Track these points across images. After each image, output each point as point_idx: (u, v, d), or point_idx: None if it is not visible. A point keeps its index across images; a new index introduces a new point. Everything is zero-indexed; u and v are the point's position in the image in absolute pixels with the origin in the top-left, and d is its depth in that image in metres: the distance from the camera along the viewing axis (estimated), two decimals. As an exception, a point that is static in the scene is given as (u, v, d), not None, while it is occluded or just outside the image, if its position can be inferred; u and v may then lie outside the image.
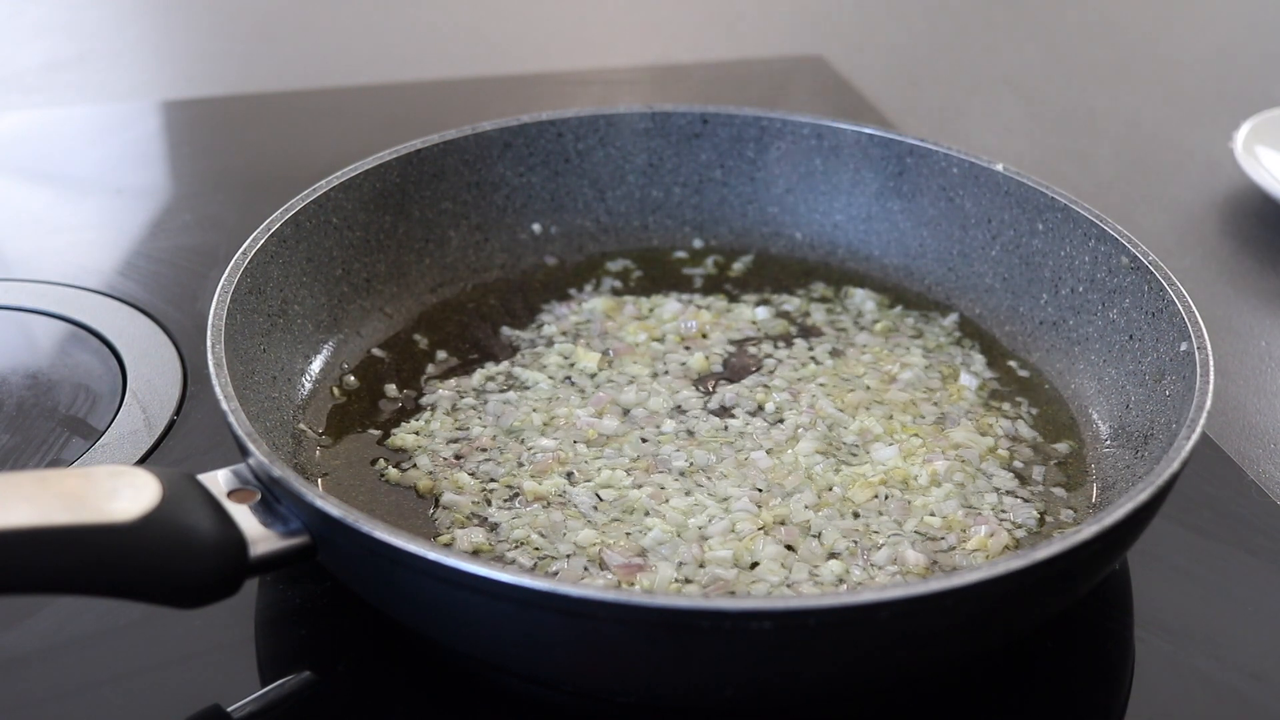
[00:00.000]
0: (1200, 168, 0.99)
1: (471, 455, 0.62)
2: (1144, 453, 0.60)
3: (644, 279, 0.76)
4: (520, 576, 0.45)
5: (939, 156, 0.74)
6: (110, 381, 0.70)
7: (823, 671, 0.48)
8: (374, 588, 0.52)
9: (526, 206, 0.77)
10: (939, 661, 0.52)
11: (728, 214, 0.79)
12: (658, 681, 0.49)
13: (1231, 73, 1.18)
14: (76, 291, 0.77)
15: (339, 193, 0.69)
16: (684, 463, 0.61)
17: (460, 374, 0.68)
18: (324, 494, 0.48)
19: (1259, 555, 0.61)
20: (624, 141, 0.78)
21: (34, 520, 0.44)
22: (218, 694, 0.53)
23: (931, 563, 0.56)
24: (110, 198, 0.91)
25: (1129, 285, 0.65)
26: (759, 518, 0.58)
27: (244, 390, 0.57)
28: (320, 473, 0.61)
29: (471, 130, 0.75)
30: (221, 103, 1.06)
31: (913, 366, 0.68)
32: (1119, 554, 0.56)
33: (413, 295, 0.73)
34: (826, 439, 0.63)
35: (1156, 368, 0.62)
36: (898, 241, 0.76)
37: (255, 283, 0.62)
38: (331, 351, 0.68)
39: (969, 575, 0.45)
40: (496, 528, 0.58)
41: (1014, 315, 0.72)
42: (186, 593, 0.48)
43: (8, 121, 1.02)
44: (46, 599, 0.56)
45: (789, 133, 0.77)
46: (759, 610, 0.44)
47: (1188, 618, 0.58)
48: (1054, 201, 0.69)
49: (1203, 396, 0.55)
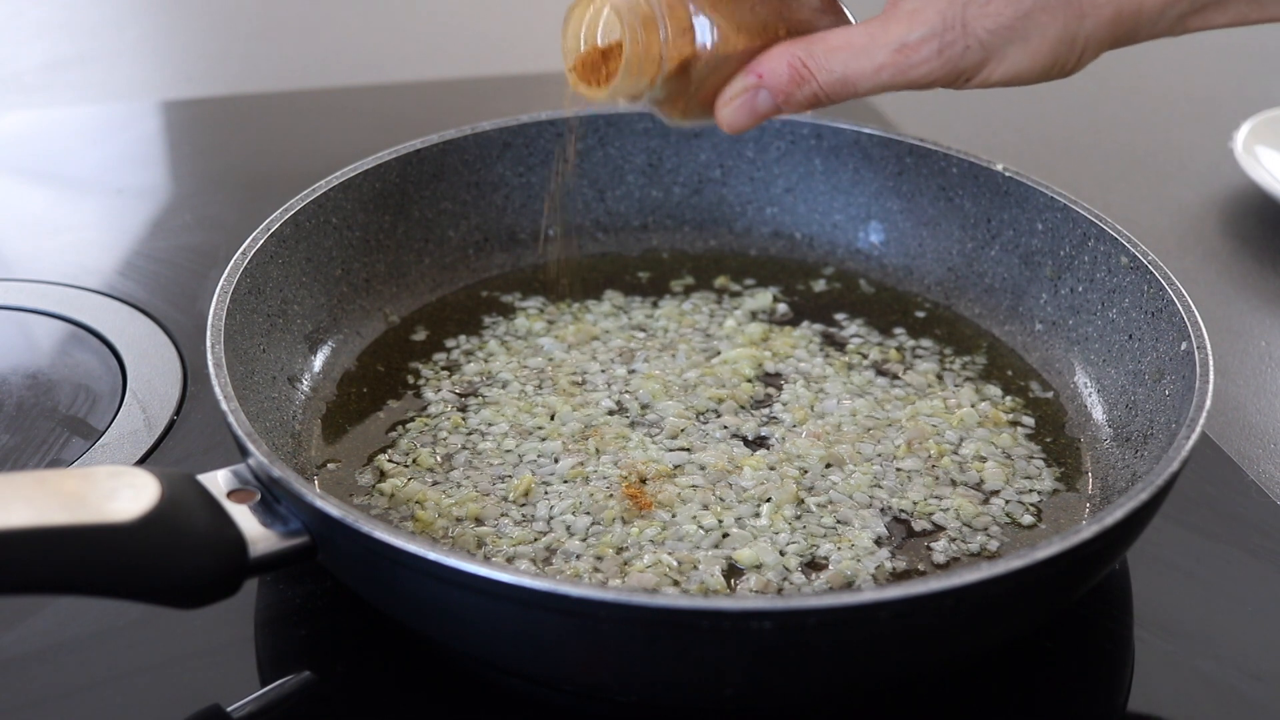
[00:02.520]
0: (1200, 168, 0.99)
1: (472, 456, 0.62)
2: (1144, 452, 0.60)
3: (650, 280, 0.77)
4: (520, 576, 0.45)
5: (939, 156, 0.74)
6: (110, 381, 0.70)
7: (823, 671, 0.48)
8: (374, 588, 0.52)
9: (526, 206, 0.77)
10: (939, 661, 0.52)
11: (727, 214, 0.79)
12: (658, 681, 0.49)
13: (1231, 73, 1.18)
14: (76, 291, 0.77)
15: (339, 193, 0.69)
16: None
17: (460, 374, 0.68)
18: (324, 494, 0.48)
19: (1259, 555, 0.61)
20: (624, 141, 0.78)
21: (34, 520, 0.44)
22: (218, 694, 0.53)
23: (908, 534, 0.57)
24: (110, 198, 0.91)
25: (1129, 285, 0.65)
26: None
27: (244, 390, 0.57)
28: (320, 473, 0.61)
29: (471, 130, 0.75)
30: (221, 103, 1.06)
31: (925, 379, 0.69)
32: (1119, 554, 0.56)
33: (413, 295, 0.73)
34: (826, 439, 0.63)
35: (1156, 367, 0.62)
36: (898, 241, 0.76)
37: (255, 283, 0.62)
38: (331, 351, 0.68)
39: (969, 575, 0.45)
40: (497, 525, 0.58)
41: (1014, 315, 0.72)
42: (186, 593, 0.48)
43: (8, 121, 1.02)
44: (46, 599, 0.56)
45: (789, 133, 0.77)
46: (759, 610, 0.44)
47: (1188, 618, 0.58)
48: (1054, 201, 0.69)
49: (1202, 396, 0.55)
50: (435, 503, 0.59)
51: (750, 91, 0.55)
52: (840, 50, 0.54)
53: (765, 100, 0.55)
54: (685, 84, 0.56)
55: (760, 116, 0.56)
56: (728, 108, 0.56)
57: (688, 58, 0.54)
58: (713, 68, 0.55)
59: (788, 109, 0.55)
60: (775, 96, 0.55)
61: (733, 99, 0.55)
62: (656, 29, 0.54)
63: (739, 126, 0.56)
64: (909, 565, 0.57)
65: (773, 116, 0.56)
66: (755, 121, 0.56)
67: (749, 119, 0.56)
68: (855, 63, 0.53)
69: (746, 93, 0.55)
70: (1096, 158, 1.01)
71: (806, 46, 0.54)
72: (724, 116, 0.56)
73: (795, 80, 0.54)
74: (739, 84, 0.55)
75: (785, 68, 0.54)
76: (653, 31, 0.54)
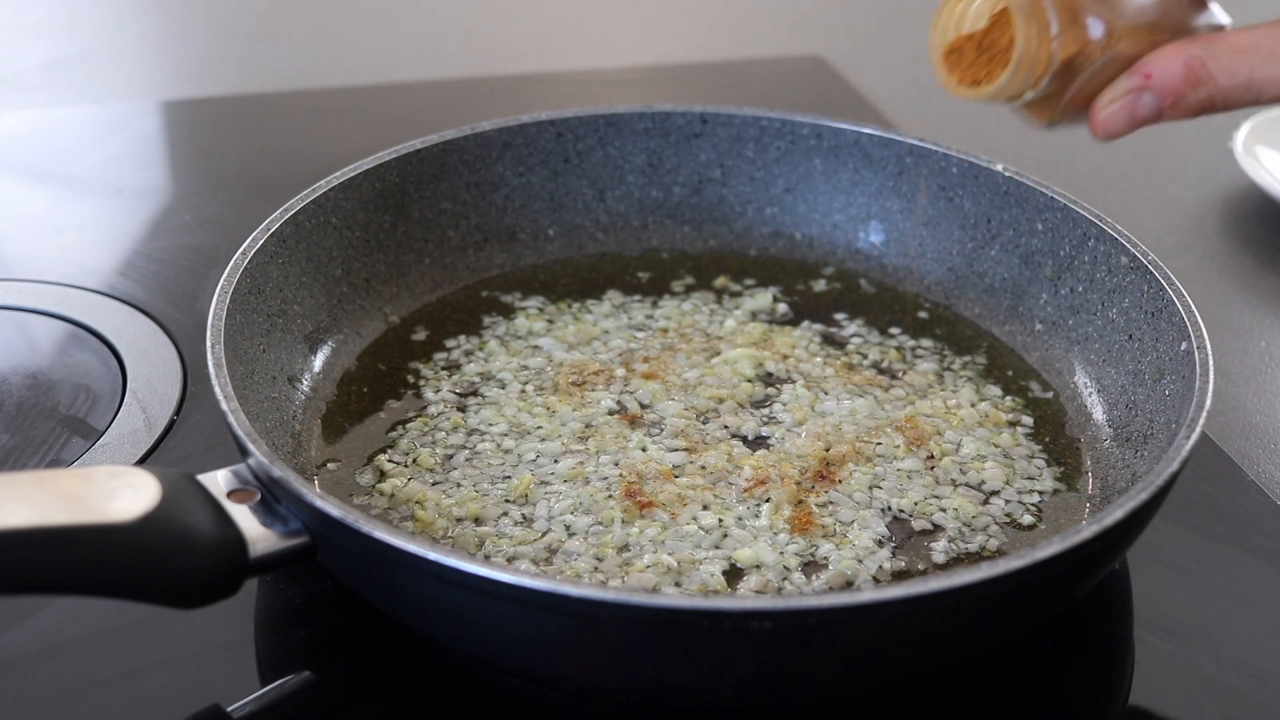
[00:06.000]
0: (1200, 168, 0.99)
1: (472, 456, 0.62)
2: (1144, 452, 0.60)
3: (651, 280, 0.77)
4: (520, 577, 0.45)
5: (939, 156, 0.74)
6: (110, 381, 0.70)
7: (823, 671, 0.48)
8: (374, 588, 0.52)
9: (526, 206, 0.77)
10: (939, 661, 0.52)
11: (727, 214, 0.79)
12: (658, 681, 0.49)
13: (1231, 73, 1.18)
14: (76, 291, 0.77)
15: (339, 193, 0.69)
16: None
17: (460, 374, 0.68)
18: (324, 494, 0.48)
19: (1259, 555, 0.61)
20: (624, 141, 0.78)
21: (34, 520, 0.44)
22: (218, 694, 0.53)
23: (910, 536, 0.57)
24: (110, 198, 0.91)
25: (1129, 285, 0.65)
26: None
27: (244, 390, 0.57)
28: (320, 473, 0.61)
29: (471, 130, 0.75)
30: (221, 103, 1.06)
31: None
32: (1119, 554, 0.56)
33: (413, 295, 0.73)
34: (826, 440, 0.63)
35: (1156, 367, 0.62)
36: (898, 241, 0.76)
37: (255, 283, 0.62)
38: (331, 351, 0.68)
39: (969, 575, 0.45)
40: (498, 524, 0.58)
41: (1014, 315, 0.72)
42: (186, 593, 0.48)
43: (8, 121, 1.02)
44: (46, 599, 0.56)
45: (788, 133, 0.77)
46: (759, 610, 0.44)
47: (1188, 618, 0.58)
48: (1053, 201, 0.69)
49: (1202, 396, 0.55)
50: (435, 503, 0.59)
51: (1135, 93, 0.53)
52: (1246, 53, 0.51)
53: (1149, 103, 0.53)
54: (1066, 84, 0.54)
55: (1139, 122, 0.54)
56: (1106, 110, 0.54)
57: (1073, 55, 0.53)
58: (1099, 68, 0.54)
59: (1172, 114, 0.53)
60: (1163, 99, 0.53)
61: (1114, 100, 0.54)
62: (1049, 25, 0.53)
63: (1115, 131, 0.54)
64: (909, 565, 0.57)
65: (1151, 123, 0.54)
66: (1133, 127, 0.54)
67: (1127, 123, 0.54)
68: (1265, 67, 0.51)
69: (1130, 94, 0.53)
70: (1096, 158, 1.01)
71: (1207, 47, 0.52)
72: (1101, 119, 0.54)
73: (1191, 81, 0.52)
74: (1123, 84, 0.53)
75: (1181, 68, 0.52)
76: (1046, 28, 0.53)
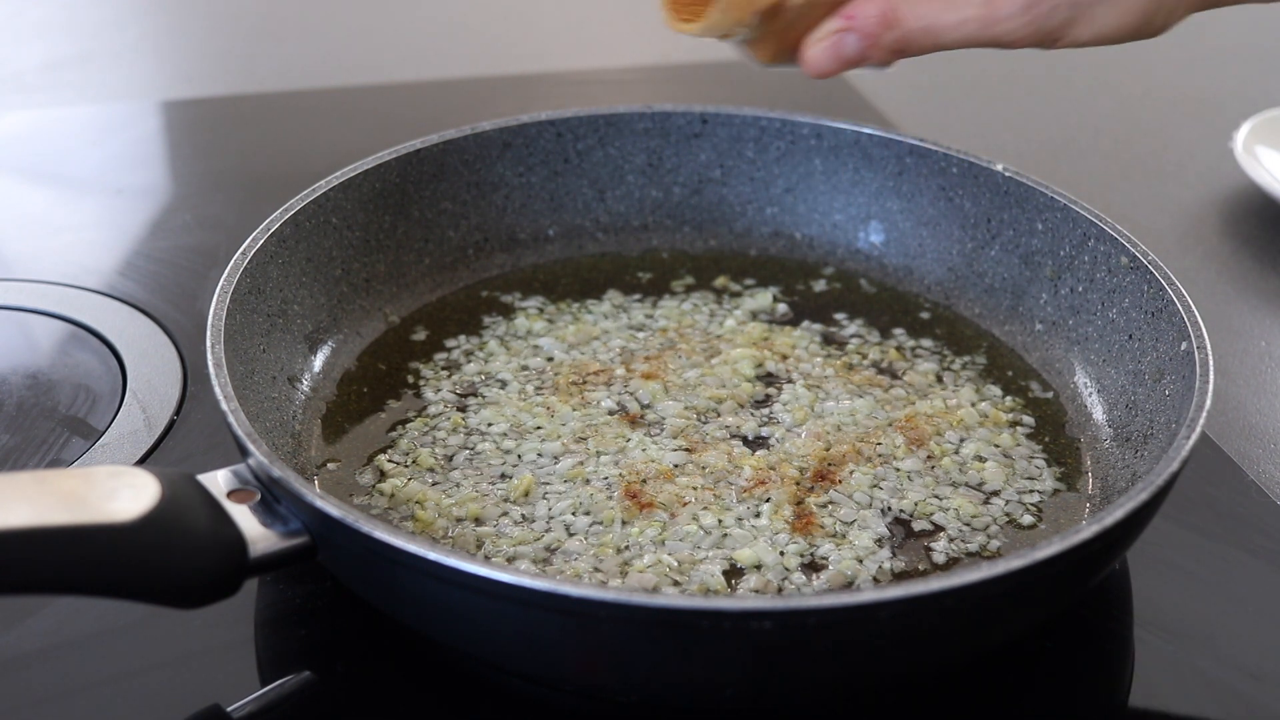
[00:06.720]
0: (1200, 168, 0.99)
1: (472, 456, 0.62)
2: (1144, 452, 0.60)
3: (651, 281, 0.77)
4: (520, 576, 0.45)
5: (939, 156, 0.74)
6: (110, 381, 0.70)
7: (823, 671, 0.48)
8: (374, 588, 0.52)
9: (526, 206, 0.77)
10: (939, 661, 0.52)
11: (727, 214, 0.79)
12: (658, 681, 0.49)
13: (1231, 73, 1.18)
14: (76, 291, 0.77)
15: (339, 193, 0.69)
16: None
17: (460, 374, 0.68)
18: (324, 494, 0.48)
19: (1259, 555, 0.61)
20: (624, 141, 0.78)
21: (33, 520, 0.44)
22: (218, 694, 0.53)
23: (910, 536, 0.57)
24: (110, 198, 0.91)
25: (1129, 285, 0.65)
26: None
27: (244, 390, 0.57)
28: (320, 473, 0.61)
29: (471, 130, 0.75)
30: (221, 103, 1.06)
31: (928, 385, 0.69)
32: (1118, 554, 0.56)
33: (413, 295, 0.73)
34: (826, 439, 0.63)
35: (1156, 367, 0.62)
36: (898, 241, 0.76)
37: (255, 283, 0.62)
38: (331, 351, 0.68)
39: (969, 575, 0.45)
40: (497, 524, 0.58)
41: (1014, 315, 0.72)
42: (186, 593, 0.48)
43: (8, 121, 1.02)
44: (46, 599, 0.56)
45: (788, 133, 0.77)
46: (759, 610, 0.44)
47: (1188, 618, 0.58)
48: (1053, 201, 0.69)
49: (1202, 396, 0.55)
50: (435, 503, 0.59)
51: (839, 34, 0.57)
52: (931, 1, 0.56)
53: (852, 43, 0.57)
54: (777, 25, 0.57)
55: (845, 62, 0.58)
56: (815, 48, 0.58)
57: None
58: (805, 10, 0.57)
59: (873, 56, 0.57)
60: (863, 40, 0.57)
61: (820, 40, 0.58)
62: None
63: (824, 69, 0.58)
64: (909, 565, 0.57)
65: (857, 65, 0.58)
66: (840, 67, 0.58)
67: (834, 63, 0.58)
68: (944, 15, 0.56)
69: (835, 35, 0.57)
70: (1096, 158, 1.01)
71: None
72: (810, 57, 0.58)
73: (884, 23, 0.56)
74: (828, 26, 0.57)
75: (876, 11, 0.56)
76: None
